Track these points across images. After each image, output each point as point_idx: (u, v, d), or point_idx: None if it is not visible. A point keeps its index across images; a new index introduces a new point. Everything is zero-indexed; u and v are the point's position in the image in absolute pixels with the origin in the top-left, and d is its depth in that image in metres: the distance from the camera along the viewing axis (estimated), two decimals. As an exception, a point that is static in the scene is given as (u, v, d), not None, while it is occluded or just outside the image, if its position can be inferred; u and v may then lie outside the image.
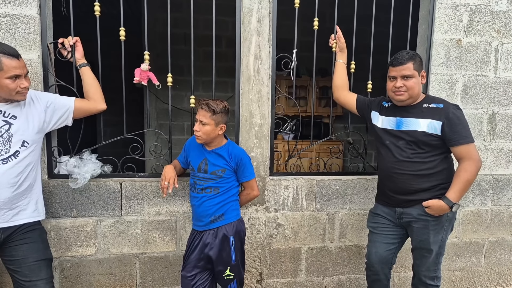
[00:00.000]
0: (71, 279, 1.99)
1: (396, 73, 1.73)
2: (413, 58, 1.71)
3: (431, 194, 1.73)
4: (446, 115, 1.68)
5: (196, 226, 1.80)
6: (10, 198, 1.52)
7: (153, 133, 4.44)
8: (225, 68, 3.27)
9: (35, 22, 1.79)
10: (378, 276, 1.93)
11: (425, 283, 1.84)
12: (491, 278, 2.53)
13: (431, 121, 1.70)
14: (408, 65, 1.70)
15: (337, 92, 2.11)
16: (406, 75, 1.70)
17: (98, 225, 1.98)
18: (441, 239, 1.78)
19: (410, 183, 1.74)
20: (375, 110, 1.92)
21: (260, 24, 2.03)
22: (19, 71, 1.46)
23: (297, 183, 2.17)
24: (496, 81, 2.32)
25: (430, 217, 1.73)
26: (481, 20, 2.25)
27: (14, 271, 1.57)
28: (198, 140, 1.73)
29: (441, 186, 1.73)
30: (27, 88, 1.52)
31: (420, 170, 1.72)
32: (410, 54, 1.72)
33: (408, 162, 1.74)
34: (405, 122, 1.77)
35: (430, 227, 1.75)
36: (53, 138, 1.92)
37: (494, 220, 2.45)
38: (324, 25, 2.14)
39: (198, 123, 1.70)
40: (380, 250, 1.89)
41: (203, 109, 1.68)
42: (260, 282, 2.22)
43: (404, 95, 1.73)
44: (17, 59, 1.46)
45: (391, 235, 1.88)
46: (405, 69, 1.70)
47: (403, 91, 1.72)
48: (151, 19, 1.95)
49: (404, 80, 1.71)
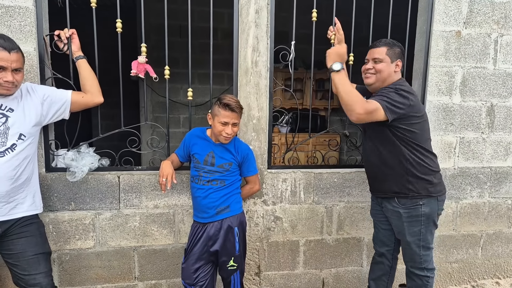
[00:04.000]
0: (70, 272, 2.00)
1: (369, 56, 1.77)
2: (389, 44, 1.73)
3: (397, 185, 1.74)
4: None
5: (200, 218, 1.80)
6: (8, 191, 1.51)
7: (149, 126, 4.43)
8: (221, 61, 3.25)
9: (31, 14, 1.77)
10: (381, 258, 2.01)
11: (414, 273, 1.86)
12: (488, 270, 2.55)
13: None
14: (381, 48, 1.72)
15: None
16: (376, 57, 1.73)
17: (97, 218, 1.98)
18: (420, 232, 1.76)
19: (375, 171, 1.83)
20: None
21: (258, 16, 2.01)
22: (5, 63, 1.43)
23: (295, 176, 2.17)
24: (495, 73, 2.31)
25: (402, 209, 1.76)
26: (480, 11, 2.24)
27: (13, 264, 1.57)
28: (225, 141, 1.73)
29: (408, 178, 1.72)
30: (11, 83, 1.47)
31: (381, 159, 1.77)
32: (387, 41, 1.75)
33: (372, 151, 1.81)
34: None
35: (404, 219, 1.77)
36: (50, 131, 1.91)
37: (491, 213, 2.46)
38: (320, 17, 2.12)
39: (230, 126, 1.68)
40: (379, 235, 1.99)
41: (235, 112, 1.68)
42: (258, 275, 2.23)
43: (371, 78, 1.76)
44: (8, 52, 1.43)
45: (384, 221, 1.94)
46: (376, 52, 1.73)
47: (371, 73, 1.75)
48: (145, 10, 1.93)
49: (374, 63, 1.74)
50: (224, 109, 1.67)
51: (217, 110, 1.69)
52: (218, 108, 1.68)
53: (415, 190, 1.73)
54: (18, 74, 1.50)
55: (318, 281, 2.32)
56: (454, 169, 2.36)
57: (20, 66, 1.50)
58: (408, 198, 1.74)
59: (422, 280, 1.84)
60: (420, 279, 1.85)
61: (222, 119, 1.67)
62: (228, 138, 1.71)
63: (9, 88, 1.49)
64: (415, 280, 1.86)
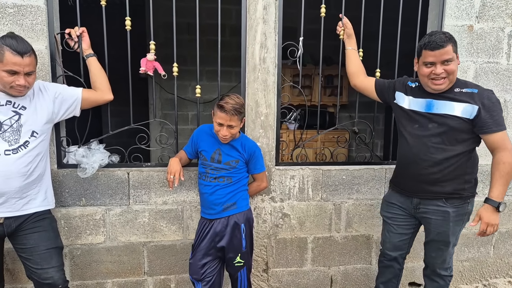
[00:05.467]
0: (81, 267, 2.04)
1: (435, 58, 1.54)
2: (451, 39, 1.55)
3: (453, 185, 1.64)
4: (481, 100, 1.56)
5: (207, 215, 1.81)
6: (21, 187, 1.55)
7: (158, 123, 4.45)
8: (229, 57, 3.26)
9: (42, 13, 1.80)
10: (391, 263, 1.93)
11: (440, 274, 1.80)
12: (500, 269, 2.50)
13: (466, 105, 1.56)
14: (448, 48, 1.52)
15: (353, 79, 2.02)
16: (447, 59, 1.53)
17: (107, 214, 2.01)
18: (459, 231, 1.73)
19: (434, 171, 1.64)
20: (400, 90, 1.78)
21: (266, 12, 2.00)
22: (18, 68, 1.44)
23: (303, 173, 2.16)
24: (508, 68, 2.26)
25: (450, 209, 1.66)
26: (493, 5, 2.18)
27: (26, 259, 1.61)
28: (224, 141, 1.73)
29: (465, 178, 1.65)
30: (24, 86, 1.49)
31: (447, 158, 1.61)
32: (448, 35, 1.55)
33: (436, 148, 1.62)
34: (437, 104, 1.62)
35: (451, 218, 1.67)
36: (62, 128, 1.94)
37: (504, 211, 2.40)
38: (329, 12, 2.09)
39: (226, 128, 1.66)
40: (394, 239, 1.88)
41: (232, 115, 1.63)
42: (266, 271, 2.24)
43: (444, 84, 1.58)
44: (21, 57, 1.44)
45: (405, 226, 1.84)
46: (446, 53, 1.52)
47: (443, 77, 1.56)
48: (153, 8, 1.94)
49: (444, 65, 1.54)
50: (220, 110, 1.65)
51: (215, 109, 1.68)
52: (216, 108, 1.67)
53: (469, 190, 1.66)
54: (31, 76, 1.52)
55: (326, 278, 2.32)
56: (466, 166, 2.32)
57: (32, 70, 1.51)
58: (461, 198, 1.66)
59: (445, 280, 1.79)
60: (444, 279, 1.80)
61: (217, 120, 1.66)
62: (225, 139, 1.70)
63: (21, 90, 1.51)
64: (438, 281, 1.80)
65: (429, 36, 1.57)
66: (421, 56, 1.60)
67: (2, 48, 1.42)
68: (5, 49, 1.42)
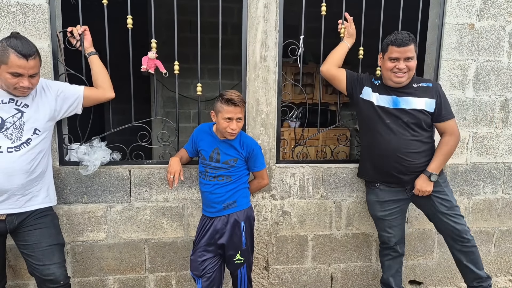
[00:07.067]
0: (83, 263, 2.05)
1: (400, 54, 1.73)
2: (414, 39, 1.76)
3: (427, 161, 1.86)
4: (437, 93, 1.81)
5: (207, 212, 1.82)
6: (23, 184, 1.56)
7: (160, 121, 4.47)
8: (230, 55, 3.27)
9: (45, 11, 1.81)
10: (398, 253, 2.05)
11: (468, 239, 1.88)
12: (501, 267, 2.50)
13: (426, 99, 1.79)
14: (411, 46, 1.73)
15: (326, 64, 2.01)
16: (410, 56, 1.73)
17: (108, 211, 2.03)
18: (451, 192, 1.92)
19: (415, 162, 1.82)
20: (367, 86, 1.91)
21: (266, 10, 2.00)
22: (22, 70, 1.45)
23: (304, 171, 2.17)
24: (509, 67, 2.25)
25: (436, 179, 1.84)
26: (495, 3, 2.18)
27: (28, 255, 1.62)
28: (231, 137, 1.73)
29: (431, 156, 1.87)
30: (27, 88, 1.51)
31: (421, 148, 1.82)
32: (412, 35, 1.76)
33: (413, 141, 1.80)
34: (402, 101, 1.81)
35: (442, 184, 1.86)
36: (64, 126, 1.95)
37: (505, 209, 2.41)
38: (330, 10, 2.09)
39: (235, 121, 1.67)
40: (398, 233, 2.01)
41: (239, 106, 1.65)
42: (267, 269, 2.25)
43: (404, 77, 1.77)
44: (26, 60, 1.44)
45: (402, 214, 1.99)
46: (409, 51, 1.73)
47: (404, 72, 1.75)
48: (155, 6, 1.94)
49: (407, 62, 1.74)
50: (227, 104, 1.65)
51: (220, 107, 1.67)
52: (221, 104, 1.67)
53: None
54: (35, 78, 1.53)
55: (326, 276, 2.33)
56: (467, 165, 2.32)
57: (36, 72, 1.52)
58: None
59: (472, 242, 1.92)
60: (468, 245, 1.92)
61: (225, 115, 1.66)
62: (233, 134, 1.71)
63: (24, 91, 1.53)
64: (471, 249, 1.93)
65: (395, 34, 1.75)
66: (386, 52, 1.79)
67: (7, 50, 1.42)
68: (10, 51, 1.42)
